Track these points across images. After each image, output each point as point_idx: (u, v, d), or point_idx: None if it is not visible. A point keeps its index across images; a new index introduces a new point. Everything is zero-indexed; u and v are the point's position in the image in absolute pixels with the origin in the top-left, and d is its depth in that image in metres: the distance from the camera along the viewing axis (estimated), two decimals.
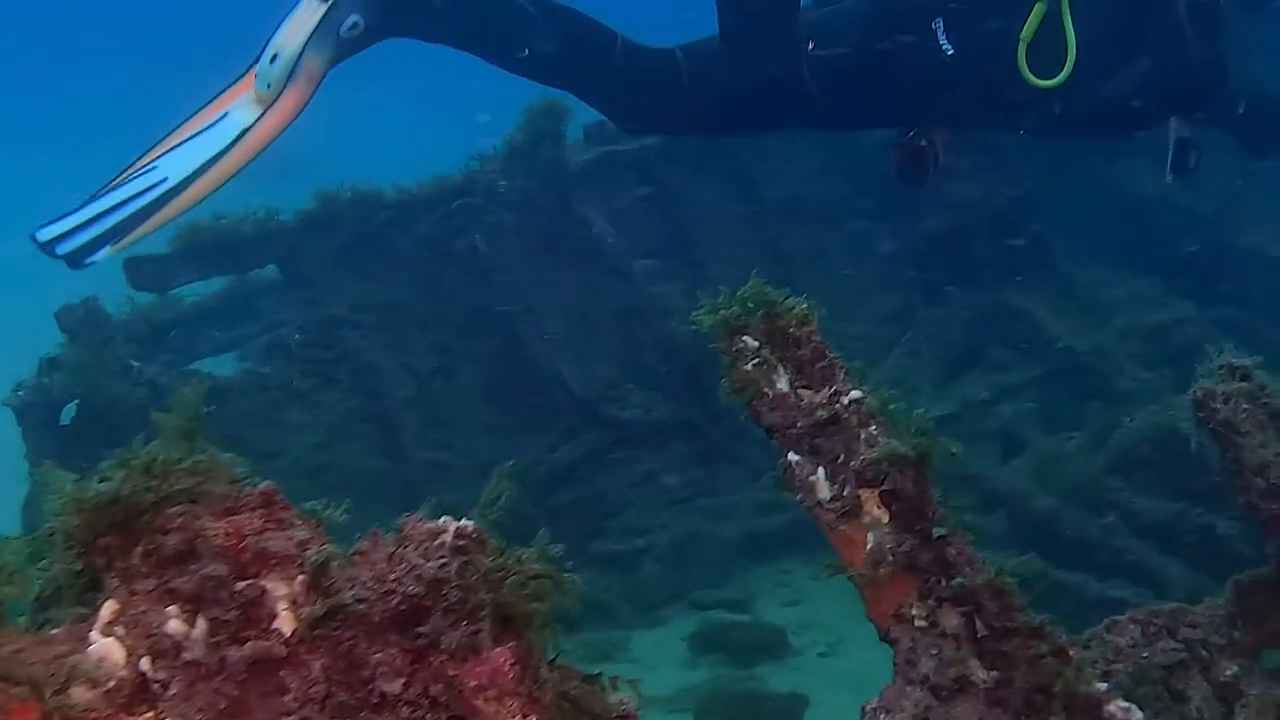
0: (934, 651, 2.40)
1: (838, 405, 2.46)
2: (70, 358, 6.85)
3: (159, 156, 4.99)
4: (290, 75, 4.89)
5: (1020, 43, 4.96)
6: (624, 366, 7.64)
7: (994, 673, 2.38)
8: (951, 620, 2.41)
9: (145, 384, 6.64)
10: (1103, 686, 2.39)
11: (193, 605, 1.61)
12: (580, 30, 5.29)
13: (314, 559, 1.67)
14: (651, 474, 7.34)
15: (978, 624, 2.39)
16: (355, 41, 5.00)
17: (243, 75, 5.05)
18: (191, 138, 4.99)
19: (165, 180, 4.89)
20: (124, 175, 4.99)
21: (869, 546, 2.43)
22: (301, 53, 4.86)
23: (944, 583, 2.41)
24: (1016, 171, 8.13)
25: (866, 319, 8.68)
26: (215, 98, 5.07)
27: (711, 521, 7.07)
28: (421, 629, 1.70)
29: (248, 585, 1.63)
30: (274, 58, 4.89)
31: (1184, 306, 8.20)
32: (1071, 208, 8.70)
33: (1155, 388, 7.24)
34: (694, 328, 2.55)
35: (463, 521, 1.81)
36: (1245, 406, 2.83)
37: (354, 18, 4.92)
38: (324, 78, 5.02)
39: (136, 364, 6.81)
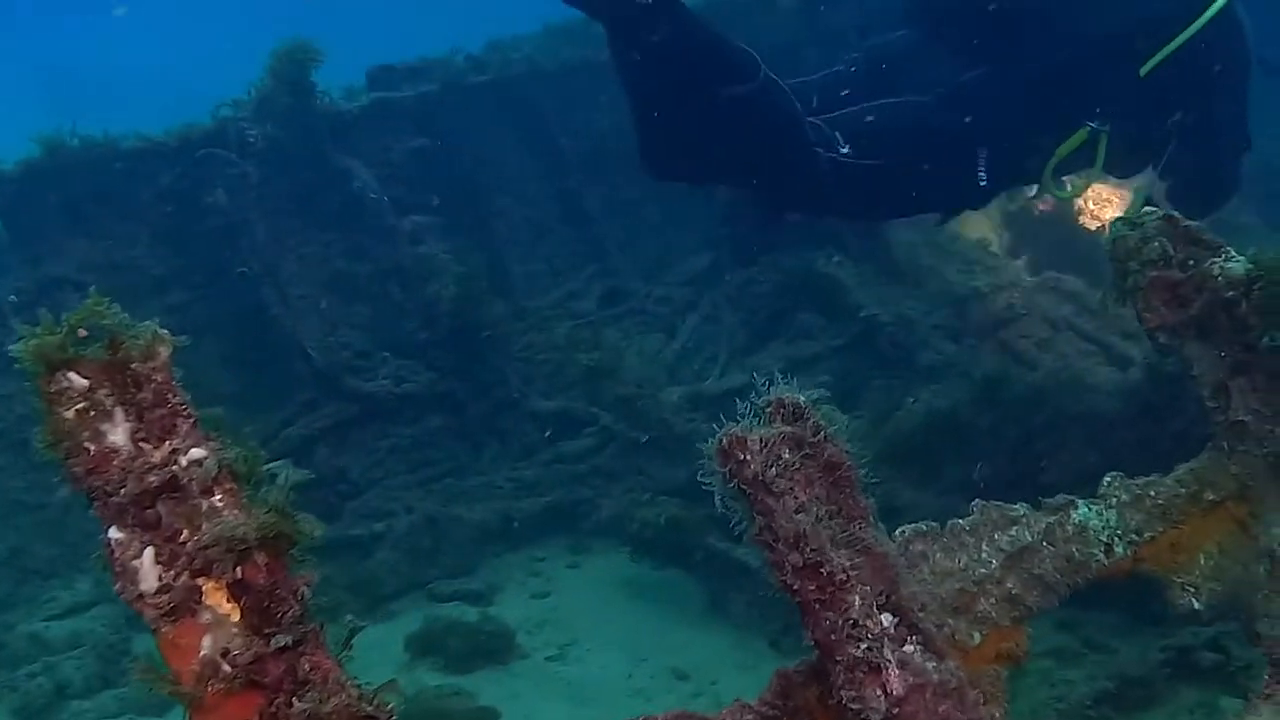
0: None
1: (176, 467, 1.88)
2: None
3: None
4: None
5: (1054, 156, 4.99)
6: (380, 333, 7.01)
7: None
8: None
9: None
10: None
11: None
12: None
13: None
14: (398, 450, 6.73)
15: None
16: None
17: None
18: None
19: None
20: None
21: (202, 654, 1.86)
22: None
23: (293, 706, 1.85)
24: None
25: (671, 280, 8.15)
26: None
27: (462, 503, 6.45)
28: None
29: None
30: None
31: (1010, 270, 7.72)
32: None
33: (957, 361, 6.77)
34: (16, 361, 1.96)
35: None
36: (786, 457, 2.27)
37: None
38: None
39: None
